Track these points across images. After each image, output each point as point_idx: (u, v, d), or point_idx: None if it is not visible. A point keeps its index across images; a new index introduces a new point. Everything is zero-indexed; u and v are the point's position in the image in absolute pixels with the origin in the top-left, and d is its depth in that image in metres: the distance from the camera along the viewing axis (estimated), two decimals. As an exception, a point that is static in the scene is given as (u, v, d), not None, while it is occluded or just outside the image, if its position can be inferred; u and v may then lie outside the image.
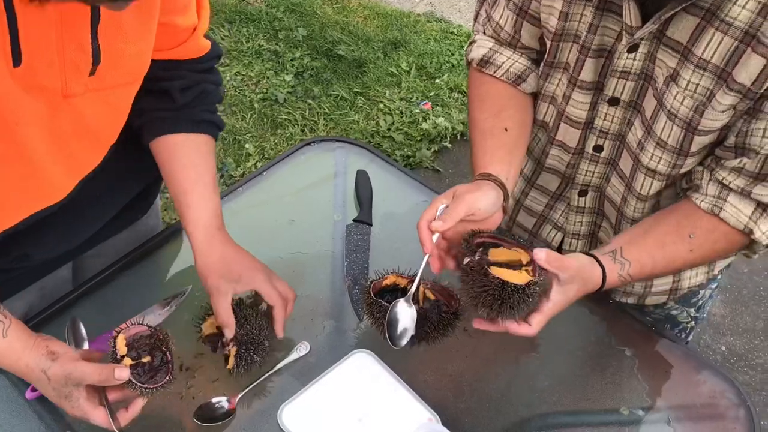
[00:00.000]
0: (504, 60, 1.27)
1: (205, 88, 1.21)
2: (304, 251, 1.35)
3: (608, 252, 1.11)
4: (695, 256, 1.13)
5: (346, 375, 1.14)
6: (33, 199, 1.06)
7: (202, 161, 1.20)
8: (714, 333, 2.61)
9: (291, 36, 3.73)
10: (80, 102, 0.98)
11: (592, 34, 1.12)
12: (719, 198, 1.11)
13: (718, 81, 1.02)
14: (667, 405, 1.17)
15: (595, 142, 1.22)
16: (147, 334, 1.05)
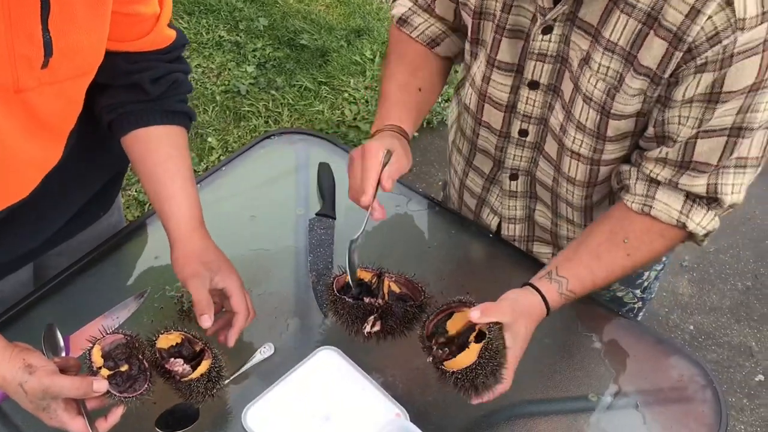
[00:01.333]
0: (420, 22, 1.29)
1: (176, 77, 1.18)
2: (267, 248, 1.32)
3: (544, 275, 1.10)
4: (634, 260, 1.12)
5: (311, 373, 1.12)
6: (2, 195, 1.04)
7: (179, 153, 1.17)
8: (682, 312, 2.63)
9: (252, 26, 3.67)
10: (33, 96, 0.95)
11: (506, 14, 1.12)
12: (647, 196, 1.11)
13: (626, 64, 1.02)
14: (635, 390, 1.17)
15: (519, 127, 1.23)
16: (123, 342, 1.01)
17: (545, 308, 1.08)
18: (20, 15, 0.87)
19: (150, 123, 1.16)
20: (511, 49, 1.15)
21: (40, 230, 1.21)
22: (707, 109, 1.00)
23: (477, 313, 0.99)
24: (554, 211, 1.33)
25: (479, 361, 0.98)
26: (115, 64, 1.09)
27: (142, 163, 1.16)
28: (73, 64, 0.98)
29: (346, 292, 1.12)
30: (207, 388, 1.03)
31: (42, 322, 1.14)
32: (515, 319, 1.03)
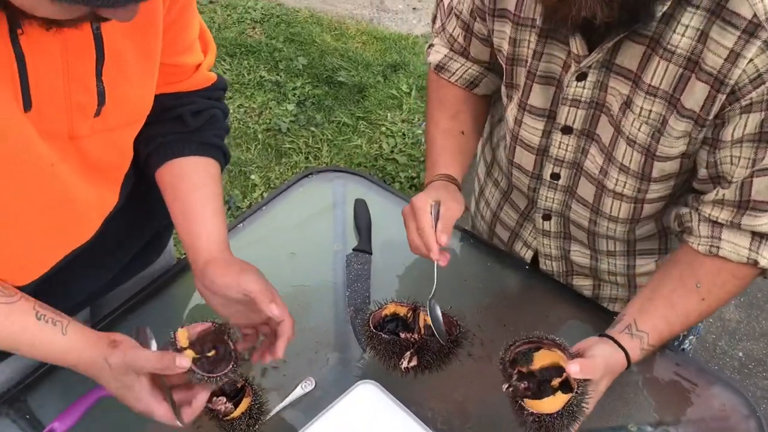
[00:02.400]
0: (458, 67, 1.34)
1: (215, 113, 1.23)
2: (306, 283, 1.36)
3: (624, 329, 1.10)
4: (710, 303, 1.12)
5: (352, 407, 1.15)
6: (69, 238, 1.09)
7: (212, 183, 1.19)
8: (730, 339, 2.58)
9: (291, 65, 3.77)
10: (86, 143, 1.01)
11: (537, 61, 1.14)
12: (713, 237, 1.10)
13: (669, 107, 1.03)
14: (675, 419, 1.17)
15: (552, 170, 1.24)
16: (211, 329, 1.03)
17: (627, 364, 1.08)
18: (78, 66, 0.93)
19: (186, 153, 1.19)
20: (543, 95, 1.17)
21: (97, 277, 1.26)
22: (759, 148, 1.00)
23: (576, 368, 0.98)
24: (592, 248, 1.34)
25: (562, 412, 0.98)
26: (158, 101, 1.14)
27: (175, 190, 1.17)
28: (123, 113, 1.04)
29: (383, 328, 1.14)
30: (249, 425, 1.06)
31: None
32: (603, 376, 1.04)
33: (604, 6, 0.93)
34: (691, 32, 0.98)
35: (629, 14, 0.96)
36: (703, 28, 0.97)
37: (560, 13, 0.97)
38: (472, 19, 1.26)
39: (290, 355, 1.21)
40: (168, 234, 1.45)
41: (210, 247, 1.11)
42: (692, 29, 0.98)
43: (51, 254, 1.09)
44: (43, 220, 1.02)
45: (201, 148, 1.20)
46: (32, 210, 0.99)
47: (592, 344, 1.07)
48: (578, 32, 1.05)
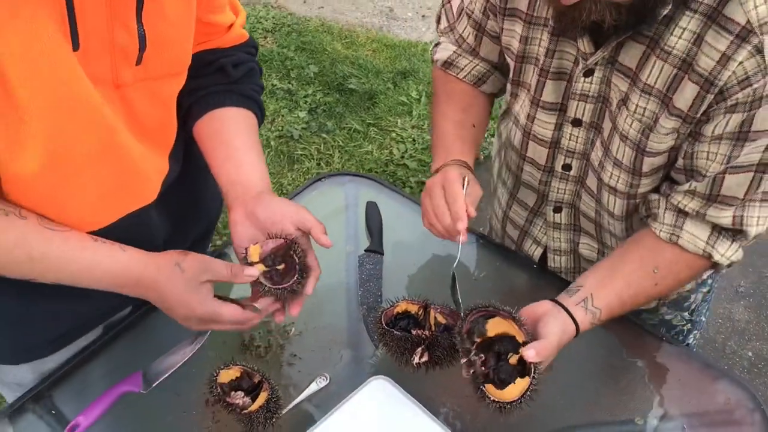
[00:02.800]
0: (466, 63, 1.38)
1: (253, 67, 1.28)
2: (320, 283, 1.39)
3: (580, 302, 1.12)
4: (660, 289, 1.17)
5: (365, 402, 1.18)
6: (129, 196, 1.11)
7: (253, 133, 1.23)
8: (739, 339, 2.59)
9: (303, 74, 3.82)
10: (130, 93, 1.02)
11: (550, 58, 1.19)
12: (675, 226, 1.15)
13: (662, 105, 1.07)
14: (680, 413, 1.19)
15: (563, 162, 1.28)
16: (282, 246, 1.09)
17: (575, 334, 1.12)
18: (119, 6, 0.93)
19: (227, 104, 1.22)
20: (555, 90, 1.22)
21: None
22: (736, 146, 1.04)
23: (532, 353, 1.01)
24: (599, 241, 1.37)
25: (520, 399, 1.02)
26: (199, 57, 1.19)
27: (216, 136, 1.20)
28: (163, 60, 1.04)
29: (395, 325, 1.18)
30: (266, 418, 1.10)
31: (118, 360, 1.24)
32: (558, 345, 1.08)
33: (613, 11, 0.98)
34: (688, 35, 1.02)
35: (636, 18, 1.01)
36: (699, 32, 1.01)
37: (570, 17, 1.02)
38: (485, 17, 1.30)
39: (305, 352, 1.26)
40: (209, 238, 1.46)
41: (263, 183, 1.16)
42: (689, 32, 1.02)
43: (110, 207, 1.08)
44: (99, 167, 1.02)
45: (240, 100, 1.24)
46: (87, 154, 0.99)
47: (543, 314, 1.09)
48: (586, 32, 1.09)
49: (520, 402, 1.02)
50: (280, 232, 1.10)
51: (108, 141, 1.00)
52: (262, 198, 1.12)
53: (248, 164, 1.17)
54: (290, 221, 1.10)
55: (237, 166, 1.16)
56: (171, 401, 1.19)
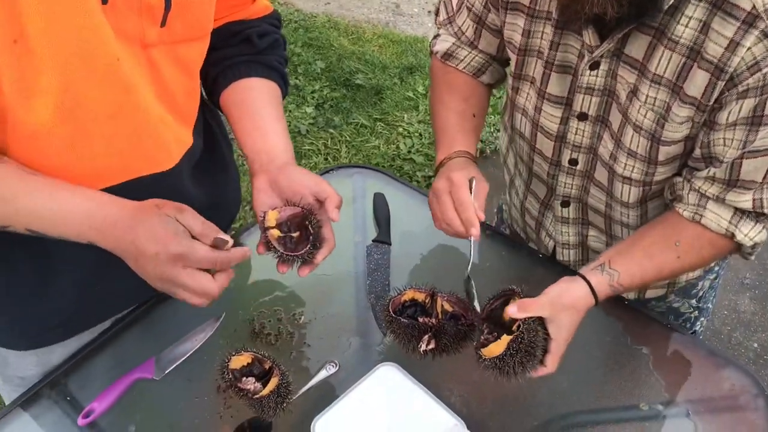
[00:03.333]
0: (465, 55, 1.39)
1: (278, 38, 1.30)
2: (329, 273, 1.41)
3: (596, 266, 1.14)
4: (683, 263, 1.17)
5: (373, 387, 1.20)
6: (142, 159, 1.09)
7: (278, 105, 1.26)
8: (745, 330, 2.60)
9: (310, 69, 3.84)
10: (156, 54, 1.03)
11: (554, 51, 1.20)
12: (699, 206, 1.15)
13: (673, 94, 1.09)
14: (685, 399, 1.21)
15: (570, 156, 1.29)
16: (300, 214, 1.12)
17: (593, 299, 1.12)
18: None
19: (252, 74, 1.24)
20: (561, 83, 1.23)
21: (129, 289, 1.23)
22: (750, 131, 1.05)
23: (514, 309, 1.06)
24: (608, 233, 1.39)
25: (507, 352, 1.05)
26: (226, 28, 1.22)
27: (242, 105, 1.22)
28: (186, 22, 1.05)
29: (402, 313, 1.20)
30: (277, 403, 1.12)
31: (131, 348, 1.26)
32: (556, 312, 1.08)
33: (615, 3, 0.99)
34: (694, 23, 1.03)
35: (638, 9, 1.02)
36: (706, 20, 1.02)
37: (572, 9, 1.03)
38: (485, 10, 1.32)
39: (314, 340, 1.28)
40: None
41: (288, 154, 1.19)
42: (695, 20, 1.03)
43: (121, 166, 1.07)
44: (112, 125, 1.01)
45: (266, 71, 1.27)
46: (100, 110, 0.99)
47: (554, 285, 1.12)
48: (591, 25, 1.11)
49: (509, 355, 1.04)
50: (299, 200, 1.12)
51: (124, 100, 1.00)
52: (286, 168, 1.14)
53: (273, 133, 1.20)
54: (309, 191, 1.13)
55: (263, 135, 1.19)
56: (183, 387, 1.21)
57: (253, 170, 1.18)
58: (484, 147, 3.44)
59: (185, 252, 0.94)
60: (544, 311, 1.08)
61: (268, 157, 1.17)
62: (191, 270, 0.96)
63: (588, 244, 1.44)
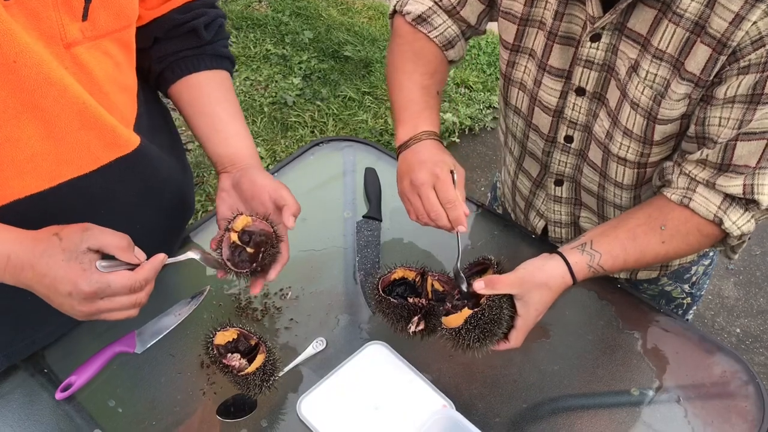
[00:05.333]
0: (440, 23, 1.32)
1: (221, 22, 1.25)
2: (317, 248, 1.38)
3: (577, 245, 1.12)
4: (668, 248, 1.13)
5: (361, 366, 1.18)
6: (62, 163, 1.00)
7: (232, 97, 1.23)
8: (728, 315, 2.62)
9: (297, 39, 3.77)
10: (82, 53, 0.96)
11: (558, 21, 1.16)
12: (688, 189, 1.13)
13: (673, 70, 1.06)
14: (676, 385, 1.20)
15: (565, 133, 1.26)
16: (265, 232, 1.11)
17: (571, 279, 1.10)
18: None
19: (201, 68, 1.20)
20: (562, 55, 1.19)
21: None
22: (748, 110, 1.03)
23: (481, 284, 1.04)
24: (600, 215, 1.37)
25: (464, 326, 1.04)
26: (169, 18, 1.15)
27: (196, 105, 1.19)
28: (111, 11, 0.98)
29: (392, 292, 1.17)
30: (263, 380, 1.09)
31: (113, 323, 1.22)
32: (526, 290, 1.06)
33: None
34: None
35: None
36: None
37: None
38: None
39: (302, 317, 1.25)
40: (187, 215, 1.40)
41: (250, 156, 1.18)
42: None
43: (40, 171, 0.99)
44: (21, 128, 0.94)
45: (215, 61, 1.22)
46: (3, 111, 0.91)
47: None
48: None
49: (465, 329, 1.03)
50: (259, 204, 1.13)
51: (27, 101, 0.92)
52: (249, 171, 1.15)
53: (234, 136, 1.19)
54: (269, 195, 1.12)
55: (224, 140, 1.19)
56: (165, 362, 1.18)
57: (217, 170, 1.20)
58: (473, 125, 3.41)
59: (99, 289, 0.90)
60: (513, 289, 1.06)
61: (231, 160, 1.18)
62: (110, 298, 0.93)
63: (580, 225, 1.41)
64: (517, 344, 1.09)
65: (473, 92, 3.57)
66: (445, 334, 1.07)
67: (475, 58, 3.80)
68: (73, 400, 1.12)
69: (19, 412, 1.11)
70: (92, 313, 0.93)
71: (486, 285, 1.05)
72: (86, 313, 0.93)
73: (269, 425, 1.11)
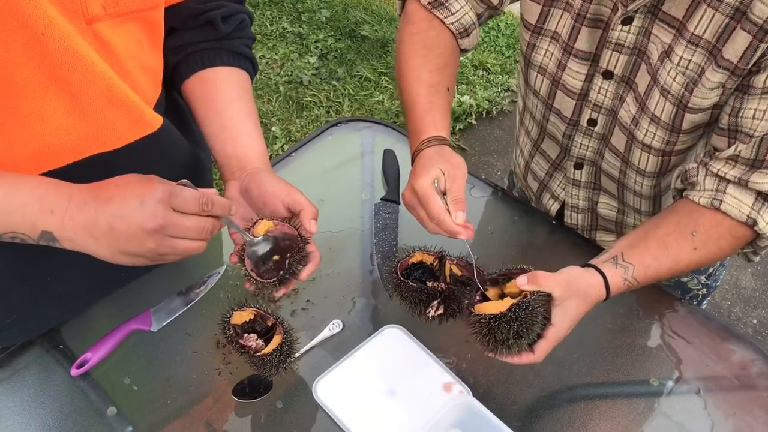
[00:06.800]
0: (458, 8, 1.24)
1: (243, 18, 1.19)
2: (335, 230, 1.37)
3: (608, 259, 1.07)
4: (700, 254, 1.09)
5: (377, 350, 1.17)
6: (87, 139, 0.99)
7: (248, 96, 1.15)
8: (745, 306, 2.59)
9: (314, 18, 3.74)
10: (104, 29, 0.94)
11: (588, 3, 1.12)
12: (717, 191, 1.08)
13: (709, 57, 1.02)
14: (696, 375, 1.18)
15: (589, 116, 1.23)
16: (289, 236, 1.03)
17: (605, 292, 1.05)
18: None
19: (217, 63, 1.14)
20: (590, 38, 1.15)
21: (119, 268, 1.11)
22: None
23: (524, 279, 0.97)
24: (620, 200, 1.34)
25: (506, 314, 0.95)
26: (186, 7, 1.10)
27: (209, 102, 1.12)
28: None
29: (409, 276, 1.16)
30: (279, 361, 1.08)
31: (128, 298, 1.22)
32: (568, 295, 0.99)
33: None
34: None
35: None
36: None
37: None
38: None
39: (318, 299, 1.24)
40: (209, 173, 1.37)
41: (261, 159, 1.10)
42: None
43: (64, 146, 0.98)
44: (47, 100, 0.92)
45: (232, 58, 1.16)
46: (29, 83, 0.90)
47: None
48: None
49: (502, 318, 0.95)
50: (271, 212, 1.04)
51: (55, 74, 0.90)
52: (258, 176, 1.06)
53: (245, 135, 1.11)
54: (281, 202, 1.04)
55: (233, 138, 1.10)
56: (181, 341, 1.17)
57: (224, 176, 1.10)
58: (490, 107, 3.37)
59: (172, 193, 0.86)
60: (557, 289, 0.98)
61: (239, 163, 1.09)
62: (179, 217, 0.87)
63: (598, 211, 1.39)
64: (540, 358, 1.00)
65: (491, 75, 3.53)
66: (479, 320, 0.98)
67: (493, 40, 3.75)
68: (88, 377, 1.11)
69: (35, 387, 1.11)
70: (160, 242, 0.86)
71: (529, 280, 0.97)
72: (155, 240, 0.86)
73: (285, 407, 1.10)
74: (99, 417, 1.07)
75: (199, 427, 1.07)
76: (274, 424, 1.08)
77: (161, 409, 1.08)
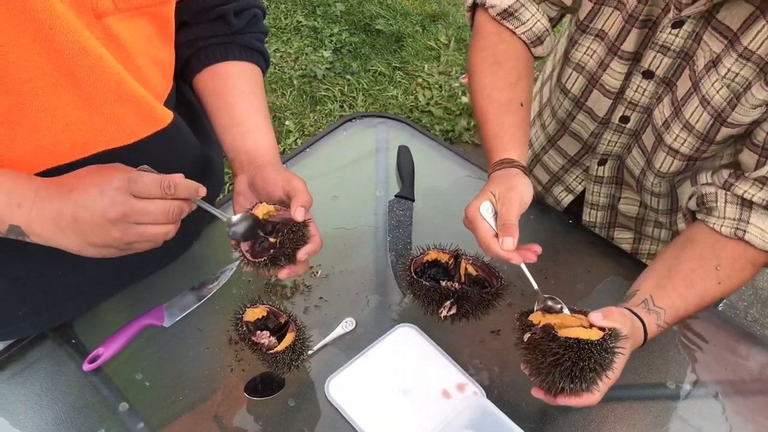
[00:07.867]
0: (529, 17, 1.20)
1: (256, 12, 1.18)
2: (348, 227, 1.36)
3: (640, 303, 1.05)
4: (724, 288, 1.07)
5: (390, 348, 1.16)
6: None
7: (259, 91, 1.15)
8: (762, 307, 2.56)
9: (329, 11, 3.72)
10: (114, 24, 0.93)
11: (643, 5, 1.09)
12: (740, 220, 1.06)
13: (759, 74, 0.99)
14: (714, 379, 1.16)
15: (622, 113, 1.20)
16: (291, 223, 1.01)
17: (642, 339, 1.04)
18: None
19: (229, 57, 1.14)
20: (637, 39, 1.12)
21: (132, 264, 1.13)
22: None
23: (599, 316, 0.94)
24: (640, 196, 1.32)
25: (599, 343, 0.91)
26: (197, 1, 1.10)
27: (220, 96, 1.12)
28: None
29: (423, 274, 1.14)
30: (292, 359, 1.07)
31: (141, 293, 1.21)
32: (628, 335, 0.98)
33: None
34: None
35: None
36: None
37: None
38: None
39: (332, 296, 1.23)
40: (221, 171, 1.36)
41: (270, 153, 1.09)
42: None
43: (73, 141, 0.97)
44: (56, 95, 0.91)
45: (244, 53, 1.16)
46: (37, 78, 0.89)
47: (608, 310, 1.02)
48: None
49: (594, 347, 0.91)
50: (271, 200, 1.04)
51: (64, 69, 0.89)
52: (264, 168, 1.06)
53: (255, 130, 1.11)
54: (281, 188, 1.03)
55: (243, 133, 1.10)
56: (193, 337, 1.17)
57: (234, 170, 1.10)
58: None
59: (131, 179, 0.85)
60: (625, 328, 0.96)
61: (248, 157, 1.08)
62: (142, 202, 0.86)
63: (618, 207, 1.37)
64: (595, 401, 0.96)
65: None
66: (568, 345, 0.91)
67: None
68: (100, 372, 1.11)
69: (46, 381, 1.10)
70: (125, 230, 0.86)
71: (604, 316, 0.94)
72: (119, 229, 0.85)
73: (297, 405, 1.09)
74: (111, 412, 1.07)
75: (211, 424, 1.06)
76: (286, 422, 1.07)
77: (173, 405, 1.08)
